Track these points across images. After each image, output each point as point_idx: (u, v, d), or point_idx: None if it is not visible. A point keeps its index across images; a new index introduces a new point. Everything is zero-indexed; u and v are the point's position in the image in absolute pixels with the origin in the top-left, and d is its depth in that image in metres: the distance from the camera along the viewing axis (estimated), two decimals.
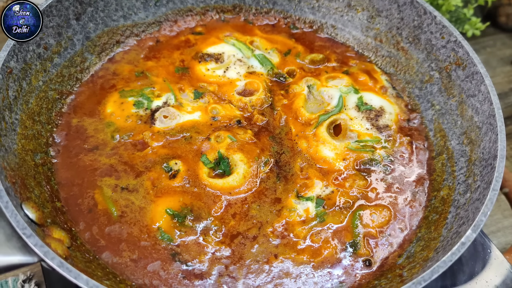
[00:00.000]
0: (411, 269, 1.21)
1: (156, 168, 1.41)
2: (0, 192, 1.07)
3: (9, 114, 1.31)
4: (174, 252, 1.26)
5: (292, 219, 1.35)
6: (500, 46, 2.70)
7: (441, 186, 1.43)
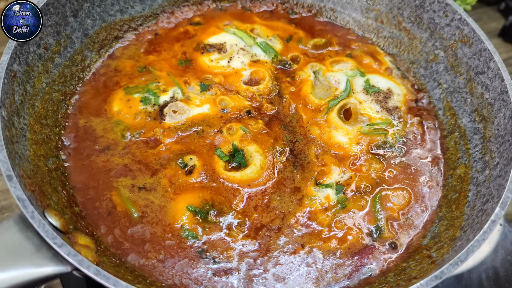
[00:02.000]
0: (439, 249, 1.22)
1: (171, 165, 1.39)
2: (23, 202, 1.03)
3: (18, 119, 1.26)
4: (201, 249, 1.25)
5: (314, 208, 1.34)
6: (487, 20, 2.72)
7: (457, 165, 1.44)
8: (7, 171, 1.07)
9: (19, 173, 1.12)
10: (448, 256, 1.13)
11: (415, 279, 1.13)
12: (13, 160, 1.11)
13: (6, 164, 1.07)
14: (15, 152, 1.17)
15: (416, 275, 1.15)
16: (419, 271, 1.17)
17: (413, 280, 1.13)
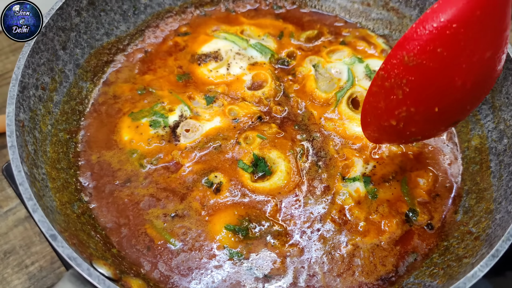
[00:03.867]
0: (477, 223, 1.26)
1: (198, 186, 1.36)
2: (76, 260, 0.99)
3: (37, 171, 1.20)
4: (249, 266, 1.24)
5: (347, 203, 1.36)
6: None
7: (470, 136, 1.49)
8: (49, 231, 1.02)
9: (59, 229, 1.07)
10: (492, 230, 1.18)
11: (465, 258, 1.17)
12: (48, 216, 1.06)
13: (46, 224, 1.03)
14: (45, 207, 1.11)
15: (465, 254, 1.19)
16: (465, 249, 1.21)
17: (463, 259, 1.17)
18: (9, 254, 1.62)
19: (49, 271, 1.59)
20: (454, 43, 1.06)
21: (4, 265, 1.59)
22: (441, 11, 1.05)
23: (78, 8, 1.50)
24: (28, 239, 1.65)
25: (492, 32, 1.06)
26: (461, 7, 1.02)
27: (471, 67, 1.10)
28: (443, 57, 1.08)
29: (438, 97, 1.17)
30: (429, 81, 1.14)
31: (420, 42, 1.09)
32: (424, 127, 1.26)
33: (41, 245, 1.64)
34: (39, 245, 1.64)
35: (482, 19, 1.02)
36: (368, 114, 1.30)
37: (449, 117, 1.25)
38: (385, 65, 1.17)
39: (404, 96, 1.17)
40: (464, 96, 1.18)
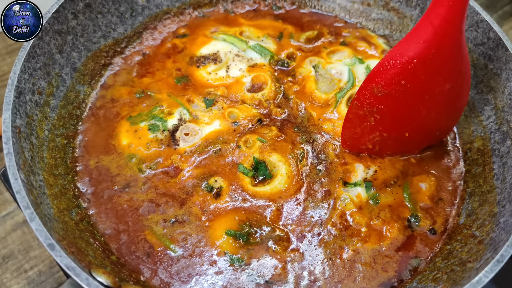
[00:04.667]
0: (481, 227, 1.25)
1: (198, 190, 1.34)
2: (74, 270, 0.97)
3: (34, 177, 1.18)
4: (250, 272, 1.23)
5: (349, 208, 1.34)
6: None
7: (472, 138, 1.47)
8: (47, 240, 1.00)
9: (57, 237, 1.06)
10: (496, 234, 1.16)
11: (469, 262, 1.16)
12: (45, 225, 1.04)
13: (44, 233, 1.01)
14: (43, 214, 1.10)
15: (468, 258, 1.18)
16: (469, 253, 1.20)
17: (467, 264, 1.16)
18: (7, 259, 1.60)
19: (48, 276, 1.58)
20: (416, 76, 1.22)
21: (3, 269, 1.58)
22: (403, 48, 1.21)
23: (75, 11, 1.48)
24: (26, 243, 1.63)
25: (448, 67, 1.22)
26: (419, 45, 1.18)
27: (433, 98, 1.27)
28: (407, 88, 1.24)
29: (407, 124, 1.35)
30: (397, 110, 1.30)
31: (386, 75, 1.25)
32: (398, 149, 1.44)
33: (39, 249, 1.62)
34: (37, 250, 1.62)
35: (437, 56, 1.18)
36: (347, 138, 1.44)
37: (421, 141, 1.44)
38: (358, 95, 1.32)
39: (376, 123, 1.34)
40: (431, 123, 1.37)
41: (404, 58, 1.21)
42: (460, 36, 1.18)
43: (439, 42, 1.16)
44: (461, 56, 1.22)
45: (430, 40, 1.17)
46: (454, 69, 1.23)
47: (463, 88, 1.31)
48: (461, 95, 1.33)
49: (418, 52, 1.19)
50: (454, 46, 1.19)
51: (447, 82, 1.24)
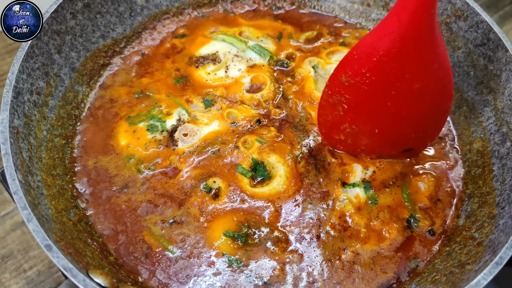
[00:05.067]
0: (480, 228, 1.25)
1: (196, 191, 1.34)
2: (71, 271, 0.97)
3: (32, 178, 1.18)
4: (248, 273, 1.22)
5: (347, 209, 1.34)
6: None
7: (472, 139, 1.47)
8: (44, 241, 1.00)
9: (54, 238, 1.05)
10: (495, 236, 1.16)
11: (468, 264, 1.15)
12: (43, 225, 1.04)
13: (41, 234, 1.01)
14: (41, 215, 1.09)
15: (467, 260, 1.17)
16: (468, 255, 1.19)
17: (466, 266, 1.15)
18: (7, 259, 1.60)
19: (47, 276, 1.58)
20: (381, 70, 1.18)
21: (2, 269, 1.58)
22: (370, 39, 1.17)
23: (74, 10, 1.47)
24: (26, 243, 1.63)
25: (416, 65, 1.16)
26: (384, 38, 1.13)
27: (402, 96, 1.23)
28: (373, 81, 1.21)
29: (376, 120, 1.31)
30: (364, 102, 1.27)
31: (353, 65, 1.21)
32: (372, 147, 1.40)
33: (39, 249, 1.62)
34: (37, 249, 1.62)
35: (403, 51, 1.13)
36: (321, 125, 1.43)
37: (395, 141, 1.39)
38: (329, 83, 1.31)
39: (345, 113, 1.32)
40: (403, 123, 1.31)
41: (370, 49, 1.16)
42: (430, 33, 1.11)
43: (404, 37, 1.10)
44: (434, 55, 1.16)
45: (395, 33, 1.10)
46: (424, 67, 1.18)
47: (439, 91, 1.25)
48: (437, 99, 1.28)
49: (383, 44, 1.13)
50: (423, 43, 1.12)
51: (415, 80, 1.19)
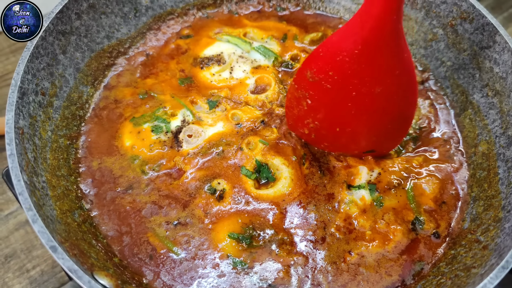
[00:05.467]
0: (486, 232, 1.24)
1: (200, 193, 1.34)
2: (77, 272, 0.97)
3: (37, 179, 1.18)
4: (252, 275, 1.22)
5: (352, 211, 1.33)
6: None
7: (477, 142, 1.46)
8: (49, 242, 1.00)
9: (59, 239, 1.05)
10: (501, 240, 1.15)
11: (473, 268, 1.15)
12: (48, 226, 1.04)
13: (46, 235, 1.01)
14: (45, 216, 1.09)
15: (473, 264, 1.17)
16: (473, 258, 1.19)
17: (472, 269, 1.15)
18: (10, 258, 1.60)
19: (51, 275, 1.58)
20: (343, 70, 1.19)
21: (5, 269, 1.58)
22: (335, 38, 1.19)
23: (79, 11, 1.47)
24: (29, 242, 1.63)
25: (378, 69, 1.16)
26: (347, 39, 1.15)
27: (362, 98, 1.23)
28: (335, 80, 1.22)
29: (337, 119, 1.33)
30: (326, 100, 1.28)
31: (318, 62, 1.23)
32: (334, 145, 1.42)
33: (42, 248, 1.62)
34: (40, 249, 1.62)
35: (364, 54, 1.13)
36: (289, 117, 1.45)
37: (356, 142, 1.39)
38: (296, 76, 1.32)
39: (308, 109, 1.33)
40: (363, 126, 1.32)
41: (334, 48, 1.17)
42: (393, 39, 1.11)
43: (366, 40, 1.10)
44: (396, 60, 1.15)
45: (358, 35, 1.11)
46: (385, 72, 1.17)
47: (401, 97, 1.24)
48: (399, 105, 1.26)
49: (346, 45, 1.15)
50: (384, 48, 1.12)
51: (376, 84, 1.19)
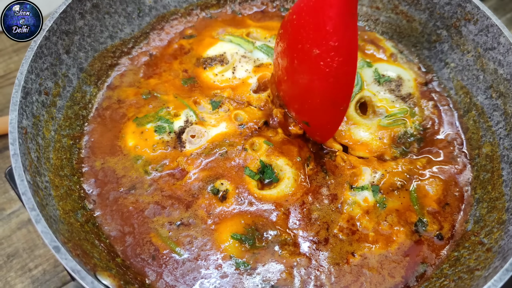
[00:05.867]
0: (490, 234, 1.24)
1: (203, 193, 1.34)
2: (80, 273, 0.97)
3: (40, 179, 1.18)
4: (255, 275, 1.22)
5: (355, 212, 1.33)
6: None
7: (481, 143, 1.46)
8: (52, 242, 1.00)
9: (62, 240, 1.05)
10: (505, 242, 1.15)
11: (477, 270, 1.15)
12: (51, 226, 1.04)
13: (49, 235, 1.01)
14: (49, 216, 1.09)
15: (476, 266, 1.16)
16: (477, 260, 1.19)
17: (475, 271, 1.14)
18: (12, 257, 1.61)
19: (53, 275, 1.58)
20: (293, 25, 1.24)
21: (8, 268, 1.58)
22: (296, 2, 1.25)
23: (82, 11, 1.47)
24: (31, 242, 1.64)
25: (315, 31, 1.16)
26: (296, 5, 1.23)
27: (302, 58, 1.24)
28: (284, 45, 1.31)
29: (286, 81, 1.37)
30: (282, 57, 1.34)
31: (284, 20, 1.31)
32: (293, 108, 1.45)
33: (44, 248, 1.62)
34: (42, 248, 1.62)
35: (306, 14, 1.16)
36: (273, 77, 1.51)
37: (295, 106, 1.43)
38: (280, 28, 1.37)
39: (279, 69, 1.39)
40: (299, 87, 1.34)
41: (289, 13, 1.26)
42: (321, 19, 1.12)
43: (300, 10, 1.18)
44: (338, 30, 1.13)
45: (298, 4, 1.22)
46: (324, 37, 1.14)
47: (335, 73, 1.20)
48: (332, 82, 1.22)
49: (292, 11, 1.25)
50: (327, 13, 1.11)
51: (314, 46, 1.17)
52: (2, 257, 1.59)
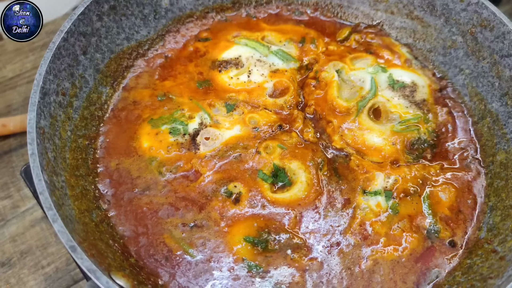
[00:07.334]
0: (503, 242, 1.23)
1: (217, 195, 1.35)
2: (95, 273, 0.98)
3: (56, 178, 1.19)
4: (267, 279, 1.22)
5: (368, 217, 1.33)
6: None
7: (495, 151, 1.45)
8: (69, 242, 1.01)
9: (77, 239, 1.06)
10: None
11: (490, 278, 1.14)
12: (67, 226, 1.05)
13: (66, 235, 1.02)
14: (65, 216, 1.11)
15: (490, 274, 1.16)
16: (490, 269, 1.19)
17: (488, 280, 1.14)
18: (25, 255, 1.62)
19: (65, 273, 1.59)
20: None
21: (21, 265, 1.60)
22: None
23: (100, 13, 1.49)
24: (44, 239, 1.66)
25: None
26: None
27: None
28: None
29: None
30: None
31: None
32: None
33: (57, 246, 1.64)
34: (55, 246, 1.64)
35: None
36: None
37: None
38: None
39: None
40: None
41: None
42: None
43: None
44: None
45: None
46: None
47: None
48: None
49: None
50: None
51: None
52: (16, 254, 1.61)
